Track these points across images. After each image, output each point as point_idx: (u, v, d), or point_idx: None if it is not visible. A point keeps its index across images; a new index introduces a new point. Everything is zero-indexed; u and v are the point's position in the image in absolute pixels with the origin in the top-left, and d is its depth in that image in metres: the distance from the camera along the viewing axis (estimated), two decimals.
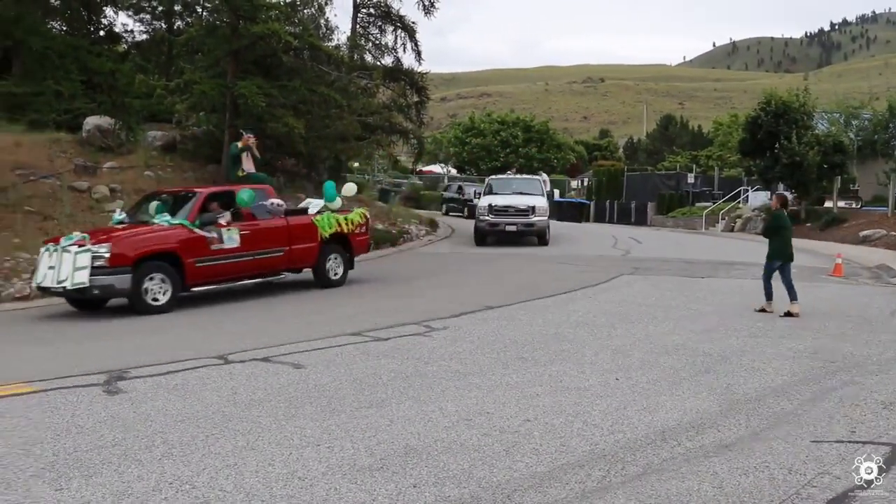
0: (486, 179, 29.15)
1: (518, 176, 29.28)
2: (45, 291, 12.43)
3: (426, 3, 32.63)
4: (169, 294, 12.14)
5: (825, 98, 52.24)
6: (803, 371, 7.88)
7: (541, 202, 23.23)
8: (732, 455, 5.36)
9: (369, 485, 4.80)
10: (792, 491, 4.76)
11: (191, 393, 6.99)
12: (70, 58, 16.34)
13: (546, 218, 23.04)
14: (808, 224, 32.61)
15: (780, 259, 12.22)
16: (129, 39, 31.88)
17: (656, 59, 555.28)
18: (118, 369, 7.87)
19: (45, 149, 21.09)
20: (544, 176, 26.80)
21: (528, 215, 22.77)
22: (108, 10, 28.81)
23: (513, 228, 22.70)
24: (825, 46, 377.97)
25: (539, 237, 23.28)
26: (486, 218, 23.26)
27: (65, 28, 24.98)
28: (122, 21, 74.24)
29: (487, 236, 23.14)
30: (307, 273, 15.10)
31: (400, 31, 32.21)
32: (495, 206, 23.20)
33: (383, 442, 5.61)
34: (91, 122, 22.14)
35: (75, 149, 21.62)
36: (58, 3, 24.82)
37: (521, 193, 23.90)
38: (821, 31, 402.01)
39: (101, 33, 28.62)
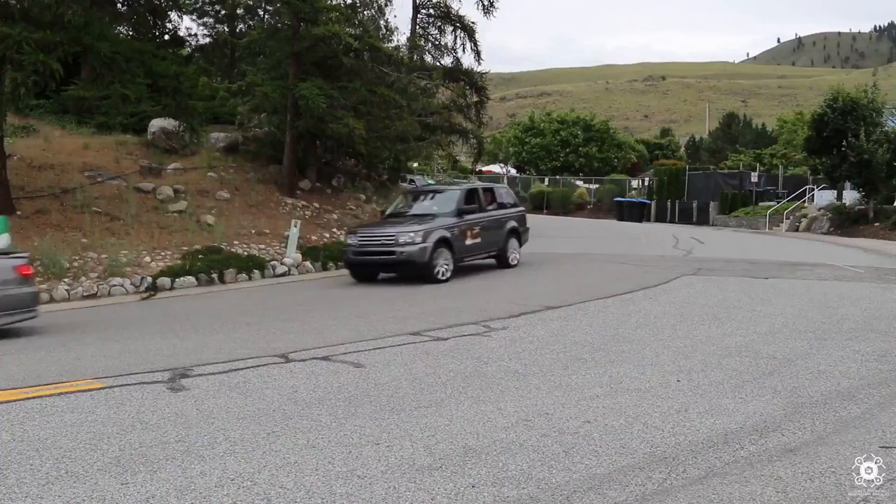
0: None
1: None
2: None
3: (486, 3, 32.69)
4: None
5: (895, 94, 50.94)
6: (871, 374, 7.68)
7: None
8: (797, 459, 5.25)
9: (428, 484, 4.81)
10: (860, 496, 4.64)
11: (252, 391, 7.08)
12: (136, 62, 16.62)
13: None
14: (877, 224, 31.84)
15: None
16: (193, 43, 32.57)
17: (719, 57, 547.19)
18: (182, 367, 8.01)
19: (112, 151, 21.61)
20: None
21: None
22: (173, 15, 29.40)
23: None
24: None
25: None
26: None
27: (131, 33, 25.53)
28: (186, 25, 75.59)
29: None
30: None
31: (459, 31, 32.31)
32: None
33: (442, 441, 5.62)
34: (156, 124, 22.62)
35: (141, 151, 22.12)
36: (125, 8, 25.36)
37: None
38: (891, 24, 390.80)
39: (166, 37, 29.21)
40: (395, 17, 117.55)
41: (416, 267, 15.65)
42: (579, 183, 55.84)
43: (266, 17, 28.77)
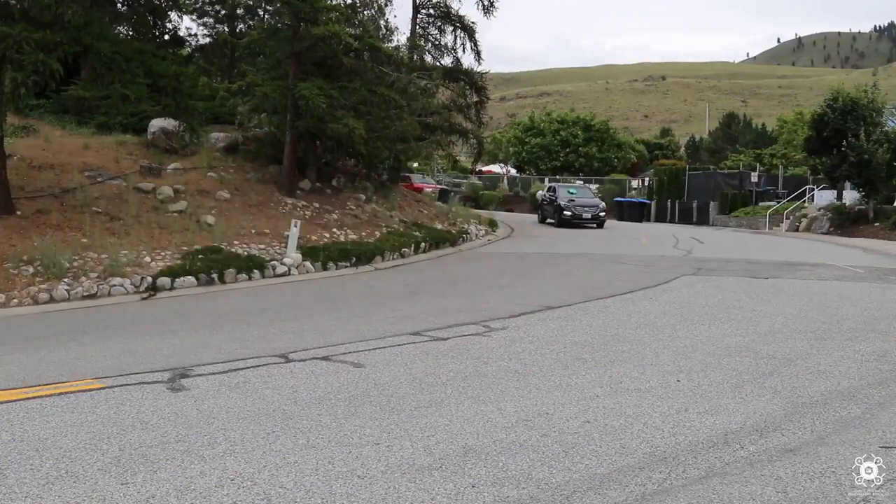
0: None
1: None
2: None
3: (486, 2, 32.72)
4: None
5: (895, 94, 50.95)
6: (871, 374, 7.69)
7: None
8: (797, 459, 5.26)
9: (428, 484, 4.81)
10: (860, 496, 4.65)
11: (252, 391, 7.08)
12: (136, 61, 16.59)
13: None
14: (877, 224, 31.84)
15: None
16: (193, 43, 32.52)
17: (719, 57, 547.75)
18: (182, 367, 8.00)
19: (112, 151, 21.58)
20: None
21: None
22: (173, 15, 29.42)
23: None
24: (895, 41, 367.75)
25: None
26: None
27: (131, 33, 25.52)
28: (186, 25, 75.76)
29: None
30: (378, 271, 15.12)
31: (459, 31, 32.33)
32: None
33: (442, 441, 5.62)
34: (156, 124, 22.60)
35: (141, 151, 22.08)
36: (125, 8, 25.38)
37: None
38: (891, 24, 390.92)
39: (166, 37, 29.20)
40: (395, 17, 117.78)
41: None
42: (579, 183, 55.89)
43: (266, 17, 28.76)
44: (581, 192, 38.27)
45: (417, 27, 31.83)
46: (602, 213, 35.62)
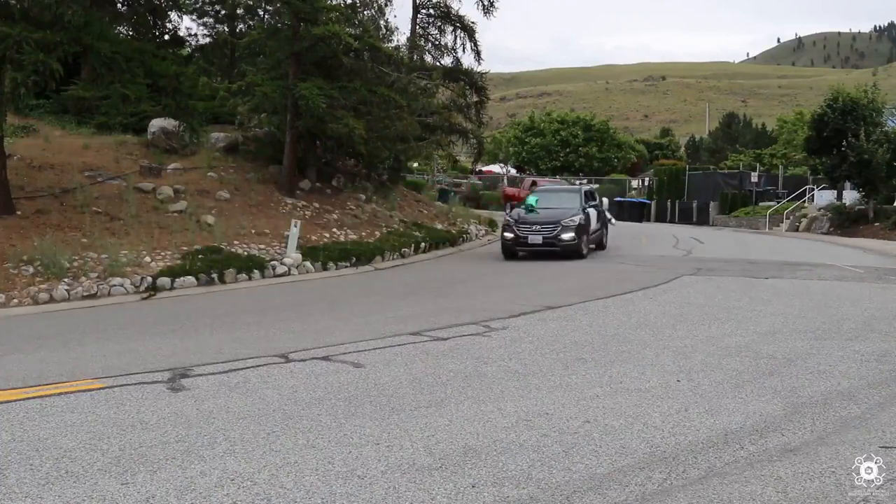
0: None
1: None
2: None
3: (486, 2, 32.73)
4: None
5: (895, 94, 50.97)
6: (871, 374, 7.68)
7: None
8: (797, 459, 5.25)
9: (428, 484, 4.80)
10: (859, 496, 4.64)
11: (252, 391, 7.07)
12: (136, 61, 16.61)
13: None
14: (877, 224, 31.84)
15: None
16: (193, 43, 32.52)
17: (718, 57, 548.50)
18: (181, 367, 8.00)
19: (112, 151, 21.58)
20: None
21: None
22: (173, 15, 29.40)
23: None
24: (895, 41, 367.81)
25: None
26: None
27: (131, 33, 25.51)
28: (187, 25, 75.78)
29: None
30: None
31: (459, 31, 32.35)
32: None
33: (442, 441, 5.61)
34: (156, 124, 22.60)
35: (141, 151, 22.09)
36: (125, 8, 25.37)
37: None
38: (891, 24, 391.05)
39: (166, 37, 29.18)
40: (395, 17, 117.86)
41: None
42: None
43: (266, 17, 28.76)
44: (552, 199, 22.81)
45: (417, 27, 31.84)
46: (568, 237, 20.56)
